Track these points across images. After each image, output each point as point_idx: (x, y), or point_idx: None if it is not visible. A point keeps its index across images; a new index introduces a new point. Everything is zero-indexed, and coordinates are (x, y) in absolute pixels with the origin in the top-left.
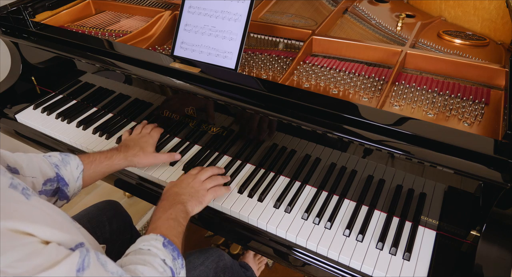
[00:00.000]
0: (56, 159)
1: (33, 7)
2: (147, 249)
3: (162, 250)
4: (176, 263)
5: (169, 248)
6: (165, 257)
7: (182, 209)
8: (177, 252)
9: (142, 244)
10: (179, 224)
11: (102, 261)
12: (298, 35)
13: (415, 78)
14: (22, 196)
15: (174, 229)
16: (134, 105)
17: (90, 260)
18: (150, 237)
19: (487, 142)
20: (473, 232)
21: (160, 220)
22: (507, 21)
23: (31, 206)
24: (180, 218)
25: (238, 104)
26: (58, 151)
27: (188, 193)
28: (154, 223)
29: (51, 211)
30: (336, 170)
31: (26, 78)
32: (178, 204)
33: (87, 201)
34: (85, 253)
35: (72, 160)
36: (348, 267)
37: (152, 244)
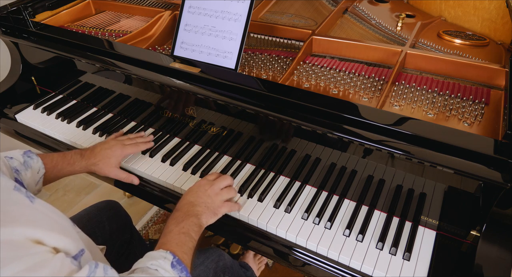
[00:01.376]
0: (17, 163)
1: (33, 7)
2: (154, 269)
3: (170, 272)
4: None
5: (178, 268)
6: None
7: (196, 223)
8: (185, 273)
9: (150, 263)
10: (191, 239)
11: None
12: (298, 35)
13: (415, 78)
14: (27, 199)
15: (185, 245)
16: (134, 105)
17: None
18: (159, 255)
19: (487, 142)
20: (473, 232)
21: (172, 233)
22: (507, 21)
23: (36, 211)
24: (192, 232)
25: (238, 104)
26: (58, 151)
27: (204, 203)
28: (165, 236)
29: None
30: (336, 170)
31: (26, 78)
32: (192, 217)
33: (87, 201)
34: (93, 268)
35: (35, 163)
36: (348, 267)
37: (160, 264)
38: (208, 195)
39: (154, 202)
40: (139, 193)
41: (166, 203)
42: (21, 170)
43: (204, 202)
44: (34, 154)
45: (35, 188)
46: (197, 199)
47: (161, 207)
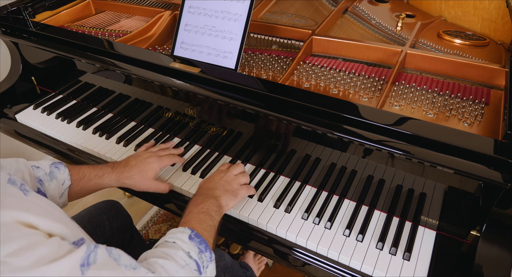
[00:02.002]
0: (42, 173)
1: (33, 7)
2: (172, 241)
3: (188, 243)
4: (203, 256)
5: (196, 240)
6: (190, 250)
7: (215, 203)
8: (204, 245)
9: (168, 237)
10: (211, 218)
11: (115, 256)
12: (298, 35)
13: (415, 78)
14: (21, 192)
15: (204, 223)
16: (134, 105)
17: (97, 256)
18: (177, 230)
19: (487, 142)
20: (473, 232)
21: (191, 214)
22: (507, 21)
23: (30, 202)
24: (212, 211)
25: (238, 104)
26: (58, 151)
27: (221, 186)
28: (185, 217)
29: (50, 207)
30: (336, 170)
31: (26, 78)
32: (210, 199)
33: (87, 201)
34: (92, 248)
35: (61, 174)
36: (348, 267)
37: (178, 236)
38: (225, 180)
39: (154, 202)
40: (139, 193)
41: (166, 203)
42: (44, 181)
43: (222, 186)
44: (62, 165)
45: (59, 201)
46: (215, 184)
47: (161, 207)
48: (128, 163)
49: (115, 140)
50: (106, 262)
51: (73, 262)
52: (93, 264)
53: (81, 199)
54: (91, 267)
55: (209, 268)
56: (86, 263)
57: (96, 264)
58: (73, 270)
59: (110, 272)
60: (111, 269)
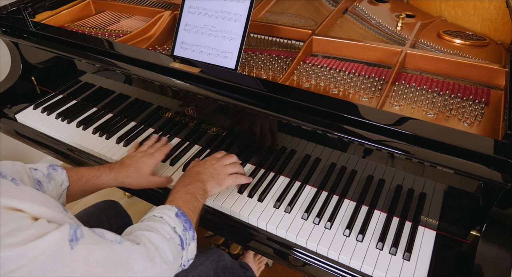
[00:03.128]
0: (40, 175)
1: (33, 7)
2: (159, 216)
3: (174, 219)
4: (187, 234)
5: (182, 219)
6: (176, 226)
7: (201, 187)
8: (189, 224)
9: (156, 212)
10: (196, 200)
11: (98, 233)
12: (298, 35)
13: (415, 78)
14: (11, 183)
15: (190, 203)
16: (134, 105)
17: (83, 232)
18: (164, 207)
19: (487, 142)
20: (473, 232)
21: (178, 193)
22: (507, 21)
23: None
24: (198, 194)
25: (238, 104)
26: (58, 151)
27: (209, 173)
28: (172, 195)
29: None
30: (336, 170)
31: (26, 78)
32: (197, 182)
33: (87, 201)
34: (75, 226)
35: (59, 175)
36: (348, 267)
37: (165, 212)
38: (214, 168)
39: (154, 202)
40: (139, 193)
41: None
42: (43, 182)
43: (209, 173)
44: (60, 167)
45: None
46: (203, 169)
47: None
48: (124, 163)
49: (115, 140)
50: (93, 236)
51: (60, 236)
52: (81, 239)
53: (81, 199)
54: (79, 241)
55: (191, 246)
56: (74, 238)
57: (84, 238)
58: (61, 243)
59: (98, 247)
60: (99, 244)
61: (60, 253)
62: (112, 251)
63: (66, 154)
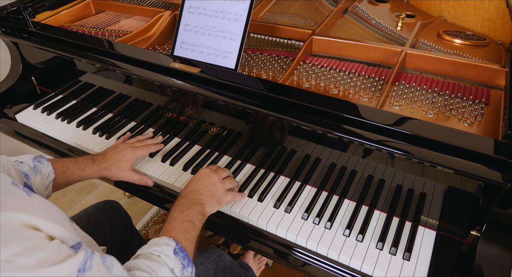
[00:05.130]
0: (27, 168)
1: (33, 7)
2: (157, 255)
3: (172, 259)
4: (185, 272)
5: (180, 255)
6: (174, 267)
7: (199, 211)
8: (187, 260)
9: (153, 249)
10: (194, 227)
11: (108, 264)
12: (298, 35)
13: (415, 78)
14: (24, 193)
15: (188, 233)
16: (134, 105)
17: (93, 262)
18: (162, 242)
19: (487, 142)
20: (473, 232)
21: (176, 221)
22: (507, 21)
23: (33, 203)
24: (196, 220)
25: (238, 104)
26: (58, 151)
27: (208, 191)
28: (169, 223)
29: (52, 209)
30: (336, 170)
31: (26, 78)
32: (196, 205)
33: (87, 201)
34: (89, 255)
35: (44, 168)
36: (348, 267)
37: (163, 250)
38: (213, 183)
39: (154, 202)
40: (139, 193)
41: (166, 203)
42: (30, 175)
43: (208, 190)
44: (44, 159)
45: (44, 193)
46: (202, 187)
47: (161, 207)
48: (105, 154)
49: (115, 140)
50: (100, 269)
51: (72, 266)
52: (89, 270)
53: (81, 199)
54: (86, 273)
55: None
56: (83, 269)
57: (91, 270)
58: (70, 274)
59: None
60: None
61: None
62: None
63: (66, 154)
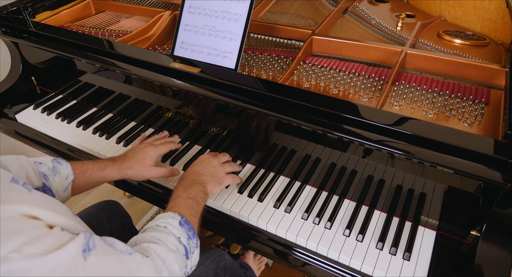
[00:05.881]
0: (45, 168)
1: (33, 7)
2: (163, 226)
3: (178, 229)
4: (191, 242)
5: (185, 227)
6: (180, 236)
7: (202, 190)
8: (192, 232)
9: (159, 221)
10: (198, 204)
11: (109, 242)
12: (298, 35)
13: (415, 78)
14: (24, 189)
15: (192, 208)
16: (134, 105)
17: (95, 242)
18: (168, 215)
19: (487, 142)
20: (473, 232)
21: (180, 198)
22: (507, 21)
23: (33, 197)
24: (199, 198)
25: (238, 104)
26: (58, 151)
27: (208, 173)
28: (174, 201)
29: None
30: (336, 170)
31: (26, 78)
32: (198, 184)
33: (87, 201)
34: (88, 235)
35: (64, 169)
36: (348, 267)
37: (169, 222)
38: (213, 165)
39: (154, 202)
40: (139, 193)
41: (166, 203)
42: (49, 176)
43: (209, 172)
44: (64, 160)
45: (63, 194)
46: (202, 169)
47: (161, 207)
48: (126, 155)
49: (115, 140)
50: (104, 247)
51: (76, 247)
52: (94, 249)
53: (81, 199)
54: (91, 252)
55: (195, 253)
56: (87, 249)
57: (96, 249)
58: (76, 255)
59: (109, 257)
60: (109, 254)
61: (75, 264)
62: (122, 262)
63: (66, 154)
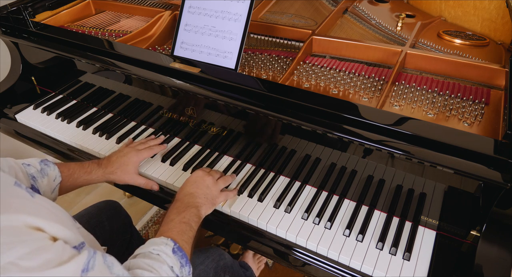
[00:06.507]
0: (34, 170)
1: (33, 7)
2: (156, 253)
3: (171, 257)
4: (183, 271)
5: (178, 254)
6: (173, 265)
7: (196, 214)
8: (185, 259)
9: (152, 248)
10: (191, 229)
11: (108, 263)
12: (298, 35)
13: (415, 78)
14: (27, 194)
15: (185, 234)
16: (134, 105)
17: (95, 262)
18: (161, 241)
19: (487, 142)
20: (473, 232)
21: (173, 222)
22: (507, 21)
23: (36, 204)
24: (193, 222)
25: (238, 104)
26: (58, 151)
27: (203, 194)
28: (167, 225)
29: (55, 209)
30: (336, 170)
31: (26, 78)
32: (192, 208)
33: (87, 201)
34: (92, 254)
35: (51, 170)
36: (348, 267)
37: (162, 249)
38: (207, 185)
39: (154, 202)
40: (139, 193)
41: (166, 203)
42: (37, 177)
43: (203, 193)
44: (51, 162)
45: (51, 195)
46: (197, 190)
47: (161, 207)
48: (110, 158)
49: (115, 140)
50: (101, 269)
51: (76, 267)
52: (91, 270)
53: (81, 199)
54: (89, 272)
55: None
56: (86, 269)
57: (93, 270)
58: (74, 274)
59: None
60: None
61: None
62: None
63: (66, 154)
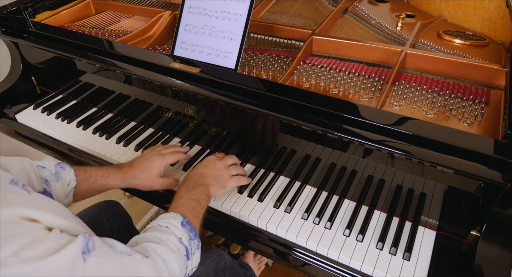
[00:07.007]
0: (47, 173)
1: (33, 7)
2: (165, 226)
3: (180, 229)
4: (192, 244)
5: (187, 228)
6: (182, 236)
7: (205, 192)
8: (194, 233)
9: (161, 221)
10: (200, 206)
11: (109, 243)
12: (298, 35)
13: (415, 78)
14: (24, 191)
15: (194, 210)
16: (134, 105)
17: (95, 243)
18: (170, 215)
19: (487, 142)
20: (473, 232)
21: (182, 199)
22: (507, 21)
23: (33, 199)
24: (202, 200)
25: (238, 104)
26: (58, 151)
27: (212, 175)
28: (176, 201)
29: (53, 204)
30: (336, 170)
31: (26, 78)
32: (201, 186)
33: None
34: (88, 237)
35: (66, 174)
36: (348, 267)
37: (171, 222)
38: (217, 168)
39: (154, 202)
40: (139, 193)
41: (166, 203)
42: (51, 181)
43: (212, 175)
44: (68, 165)
45: (64, 201)
46: (206, 171)
47: (161, 207)
48: (132, 163)
49: (115, 140)
50: (103, 248)
51: (75, 249)
52: (93, 251)
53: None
54: (91, 253)
55: (196, 255)
56: (87, 250)
57: (95, 250)
58: (75, 257)
59: (109, 258)
60: (109, 255)
61: (74, 266)
62: (122, 264)
63: (66, 154)
